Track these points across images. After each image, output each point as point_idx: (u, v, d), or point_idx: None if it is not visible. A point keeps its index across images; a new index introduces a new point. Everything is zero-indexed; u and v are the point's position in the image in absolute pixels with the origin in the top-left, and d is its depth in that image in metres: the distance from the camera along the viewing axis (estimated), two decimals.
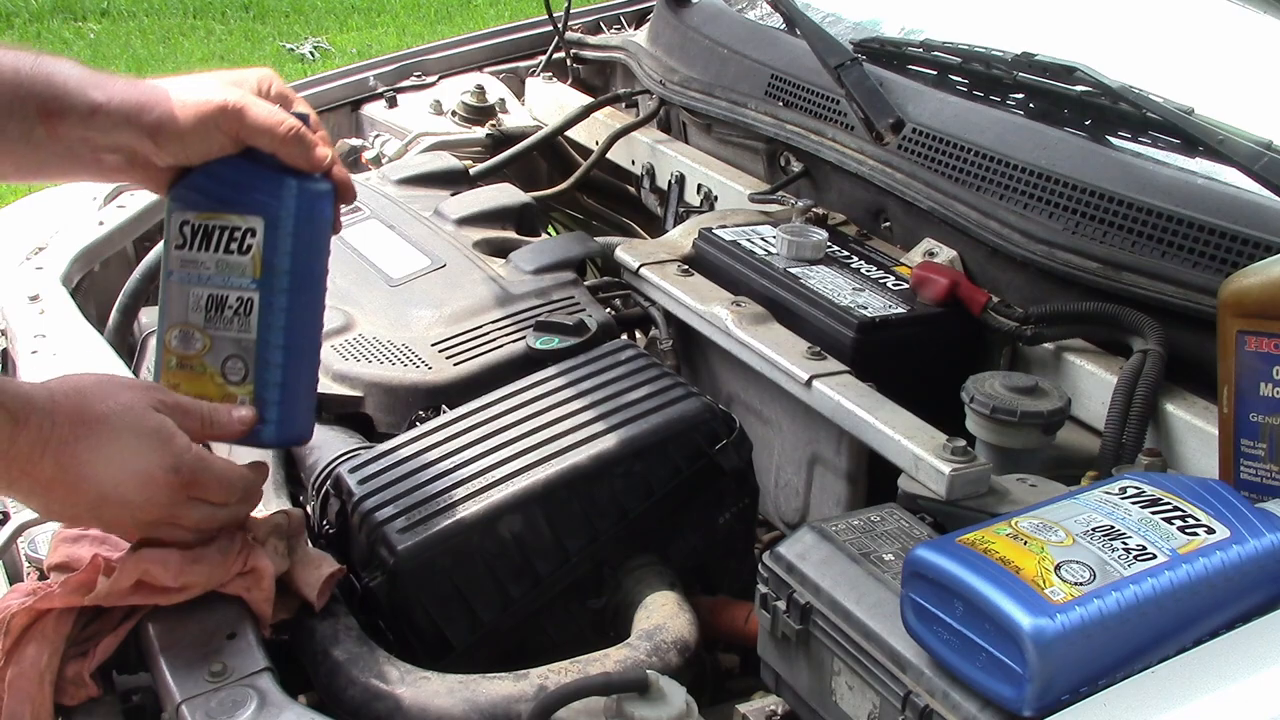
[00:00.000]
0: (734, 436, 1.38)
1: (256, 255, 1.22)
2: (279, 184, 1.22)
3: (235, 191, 1.22)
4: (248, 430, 1.24)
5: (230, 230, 1.23)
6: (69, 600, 1.16)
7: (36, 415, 1.10)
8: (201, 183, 1.23)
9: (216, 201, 1.23)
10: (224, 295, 1.23)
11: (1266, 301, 1.25)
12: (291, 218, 1.22)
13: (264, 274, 1.22)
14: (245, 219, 1.22)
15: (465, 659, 1.26)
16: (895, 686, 1.05)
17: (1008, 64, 1.76)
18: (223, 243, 1.23)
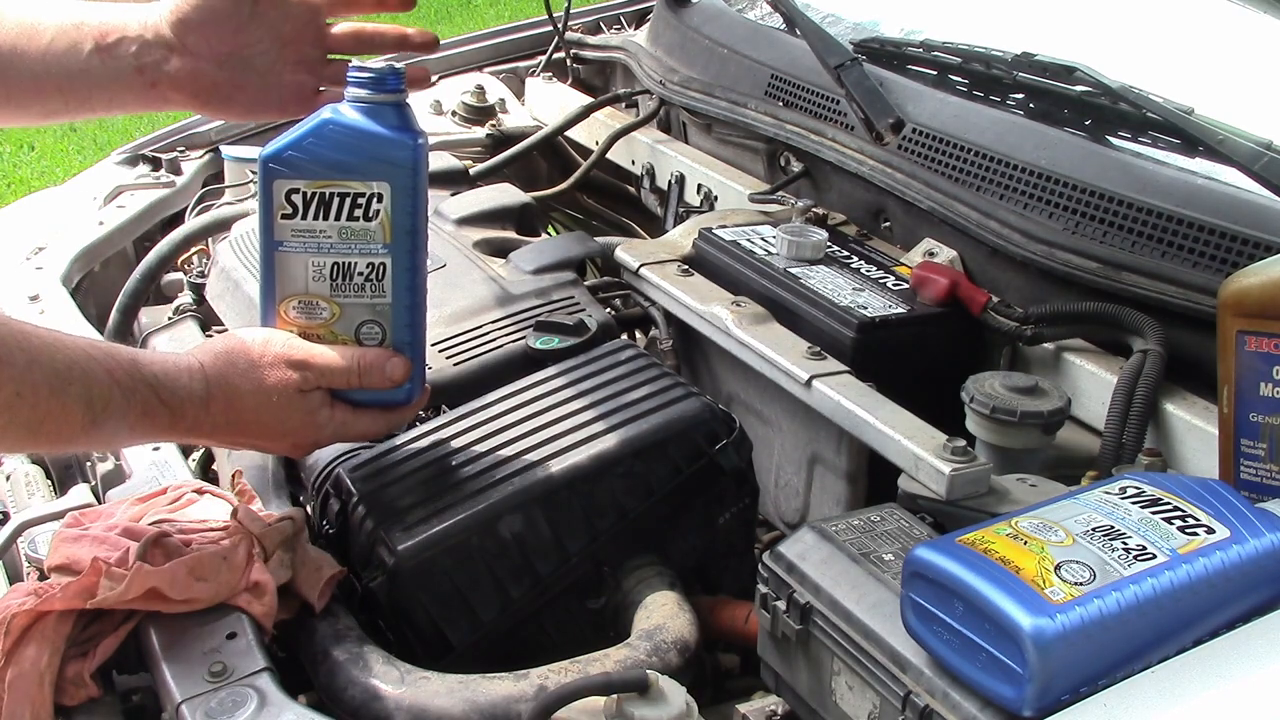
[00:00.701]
0: (734, 436, 1.38)
1: (385, 221, 1.20)
2: (402, 147, 1.20)
3: (354, 157, 1.20)
4: (403, 379, 1.26)
5: (352, 196, 1.20)
6: (70, 604, 1.16)
7: (193, 408, 1.18)
8: (312, 147, 1.20)
9: (331, 168, 1.20)
10: (351, 263, 1.22)
11: (1266, 301, 1.25)
12: (414, 178, 1.21)
13: (394, 238, 1.21)
14: (368, 185, 1.20)
15: (465, 659, 1.26)
16: (895, 686, 1.05)
17: (1008, 64, 1.76)
18: (344, 210, 1.21)
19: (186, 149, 2.37)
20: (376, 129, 1.19)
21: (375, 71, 1.20)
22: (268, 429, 1.23)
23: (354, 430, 1.28)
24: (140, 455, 1.48)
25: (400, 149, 1.20)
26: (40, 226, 2.11)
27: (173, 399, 1.16)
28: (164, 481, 1.40)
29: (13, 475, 1.57)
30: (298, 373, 1.22)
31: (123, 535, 1.26)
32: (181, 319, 1.88)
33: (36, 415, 1.07)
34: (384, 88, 1.20)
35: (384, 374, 1.25)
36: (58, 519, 1.34)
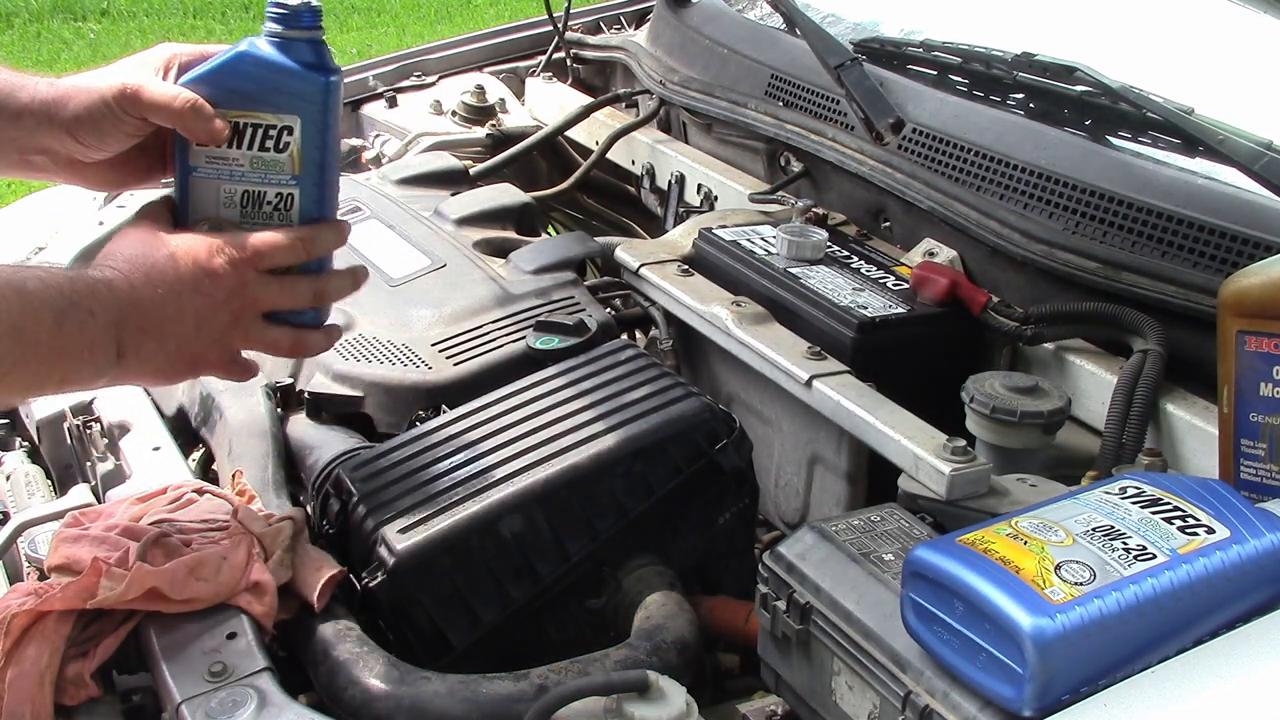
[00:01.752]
0: (734, 436, 1.38)
1: (295, 153, 1.23)
2: (312, 82, 1.22)
3: (267, 89, 1.22)
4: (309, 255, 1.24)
5: (265, 128, 1.23)
6: (70, 604, 1.16)
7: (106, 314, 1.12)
8: (227, 79, 1.22)
9: (246, 99, 1.22)
10: (261, 191, 1.24)
11: (1266, 301, 1.25)
12: (324, 113, 1.23)
13: (303, 170, 1.23)
14: (280, 117, 1.22)
15: (465, 659, 1.26)
16: (895, 686, 1.05)
17: (1008, 64, 1.76)
18: (257, 139, 1.23)
19: None
20: (288, 63, 1.21)
21: (290, 7, 1.21)
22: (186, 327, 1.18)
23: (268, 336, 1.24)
24: (140, 455, 1.48)
25: (310, 84, 1.22)
26: (40, 226, 2.11)
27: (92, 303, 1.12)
28: (164, 481, 1.40)
29: (13, 475, 1.57)
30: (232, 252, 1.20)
31: (123, 535, 1.26)
32: None
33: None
34: (299, 24, 1.21)
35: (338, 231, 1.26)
36: (58, 519, 1.34)
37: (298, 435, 1.52)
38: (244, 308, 1.20)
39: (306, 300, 1.25)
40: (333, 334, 1.30)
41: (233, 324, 1.21)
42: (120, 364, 1.15)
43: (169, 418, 1.60)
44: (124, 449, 1.49)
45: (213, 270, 1.17)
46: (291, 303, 1.24)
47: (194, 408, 1.62)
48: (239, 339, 1.22)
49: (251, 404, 1.55)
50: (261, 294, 1.21)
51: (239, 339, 1.22)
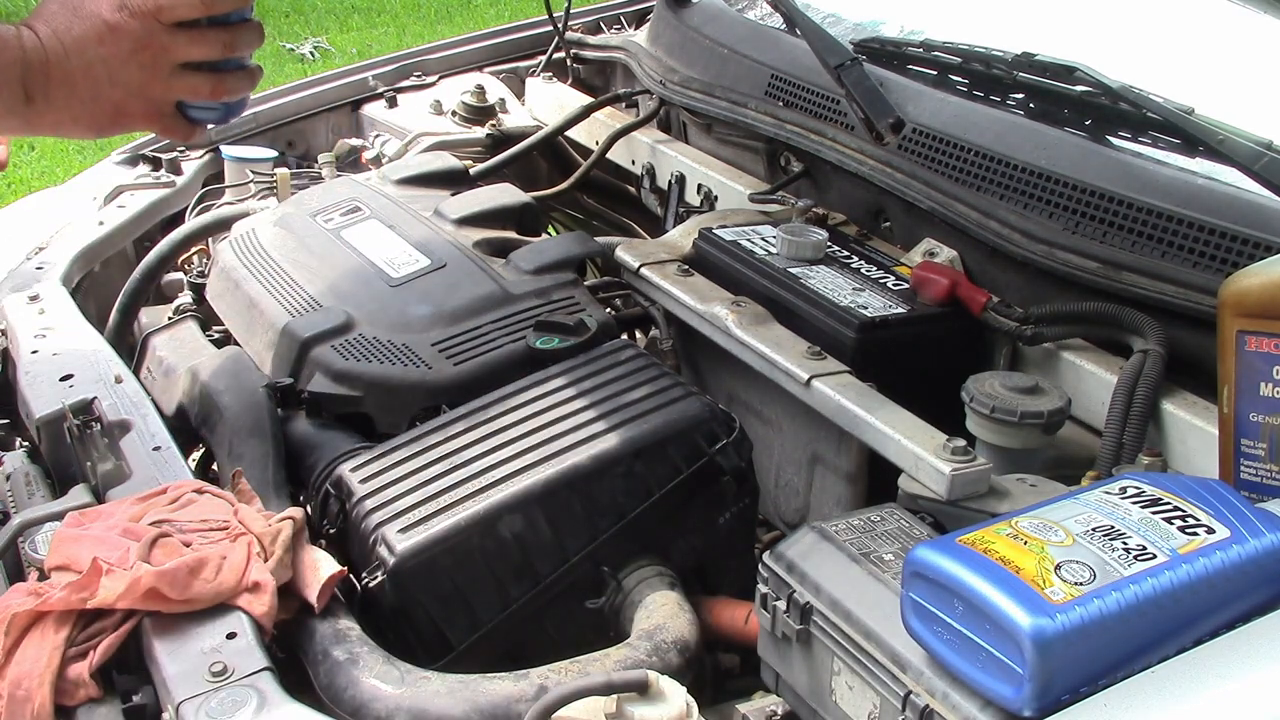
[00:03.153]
0: (734, 436, 1.38)
1: None
2: None
3: None
4: (210, 9, 1.27)
5: None
6: (70, 604, 1.16)
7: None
8: None
9: None
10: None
11: (1267, 301, 1.25)
12: None
13: None
14: None
15: (465, 659, 1.26)
16: (895, 686, 1.05)
17: (1008, 64, 1.76)
18: None
19: (186, 149, 2.38)
20: None
21: None
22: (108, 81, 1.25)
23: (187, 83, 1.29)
24: (140, 455, 1.48)
25: None
26: (40, 226, 2.11)
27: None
28: (164, 481, 1.40)
29: (13, 475, 1.57)
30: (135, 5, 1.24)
31: (123, 535, 1.26)
32: (181, 319, 1.88)
33: None
34: None
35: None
36: (58, 519, 1.34)
37: (298, 435, 1.52)
38: (155, 59, 1.27)
39: (217, 50, 1.30)
40: (255, 74, 1.36)
41: (148, 75, 1.27)
42: (30, 107, 1.24)
43: (169, 418, 1.60)
44: (124, 449, 1.49)
45: (115, 24, 1.24)
46: (202, 53, 1.29)
47: (194, 408, 1.62)
48: (159, 89, 1.29)
49: (251, 404, 1.55)
50: (171, 44, 1.27)
51: (159, 89, 1.29)
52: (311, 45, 7.69)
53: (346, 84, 2.63)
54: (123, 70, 1.26)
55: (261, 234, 1.89)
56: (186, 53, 1.28)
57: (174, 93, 1.30)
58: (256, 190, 2.22)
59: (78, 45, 1.24)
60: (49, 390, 1.60)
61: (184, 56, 1.28)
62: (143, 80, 1.27)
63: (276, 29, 8.06)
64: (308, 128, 2.57)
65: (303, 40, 7.79)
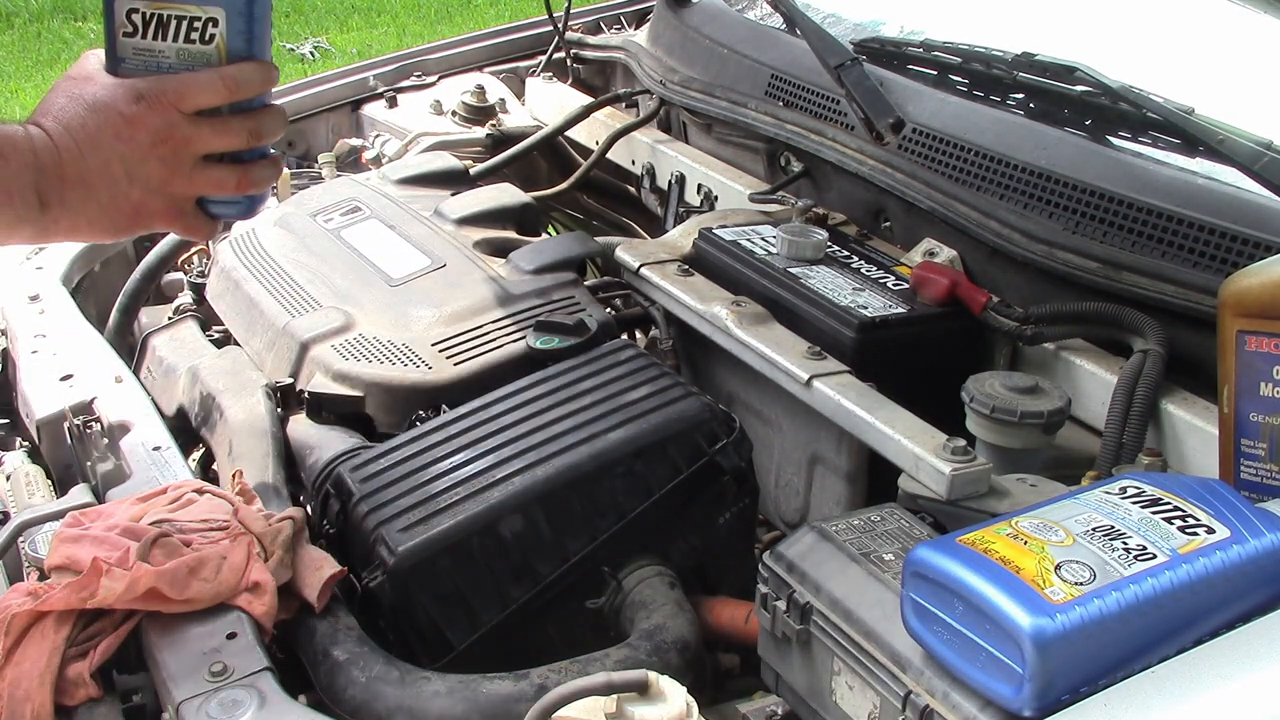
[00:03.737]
0: (734, 436, 1.38)
1: (221, 45, 1.21)
2: None
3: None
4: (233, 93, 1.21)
5: (189, 20, 1.21)
6: (70, 604, 1.16)
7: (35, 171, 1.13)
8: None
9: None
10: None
11: (1267, 301, 1.25)
12: (249, 4, 1.21)
13: (229, 61, 1.21)
14: (204, 9, 1.21)
15: (465, 659, 1.26)
16: (895, 686, 1.05)
17: (1008, 64, 1.76)
18: (183, 32, 1.21)
19: None
20: None
21: None
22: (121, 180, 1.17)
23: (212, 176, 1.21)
24: (140, 455, 1.48)
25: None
26: None
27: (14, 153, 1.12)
28: (164, 481, 1.40)
29: (13, 475, 1.57)
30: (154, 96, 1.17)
31: (123, 535, 1.26)
32: (181, 319, 1.88)
33: None
34: None
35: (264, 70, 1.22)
36: (58, 519, 1.34)
37: (298, 435, 1.52)
38: (176, 152, 1.18)
39: (241, 139, 1.22)
40: (278, 163, 1.29)
41: (169, 170, 1.18)
42: (45, 214, 1.14)
43: (169, 418, 1.60)
44: (124, 449, 1.49)
45: (132, 117, 1.16)
46: (226, 143, 1.21)
47: (194, 408, 1.62)
48: (181, 185, 1.20)
49: (251, 404, 1.55)
50: (193, 135, 1.18)
51: (181, 185, 1.20)
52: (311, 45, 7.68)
53: (346, 84, 2.63)
54: (142, 166, 1.17)
55: (261, 234, 1.89)
56: (210, 144, 1.19)
57: (196, 188, 1.21)
58: None
59: (93, 142, 1.15)
60: (49, 390, 1.60)
61: (207, 148, 1.20)
62: (164, 176, 1.18)
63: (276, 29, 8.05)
64: (308, 128, 2.57)
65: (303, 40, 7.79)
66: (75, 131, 1.15)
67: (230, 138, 1.21)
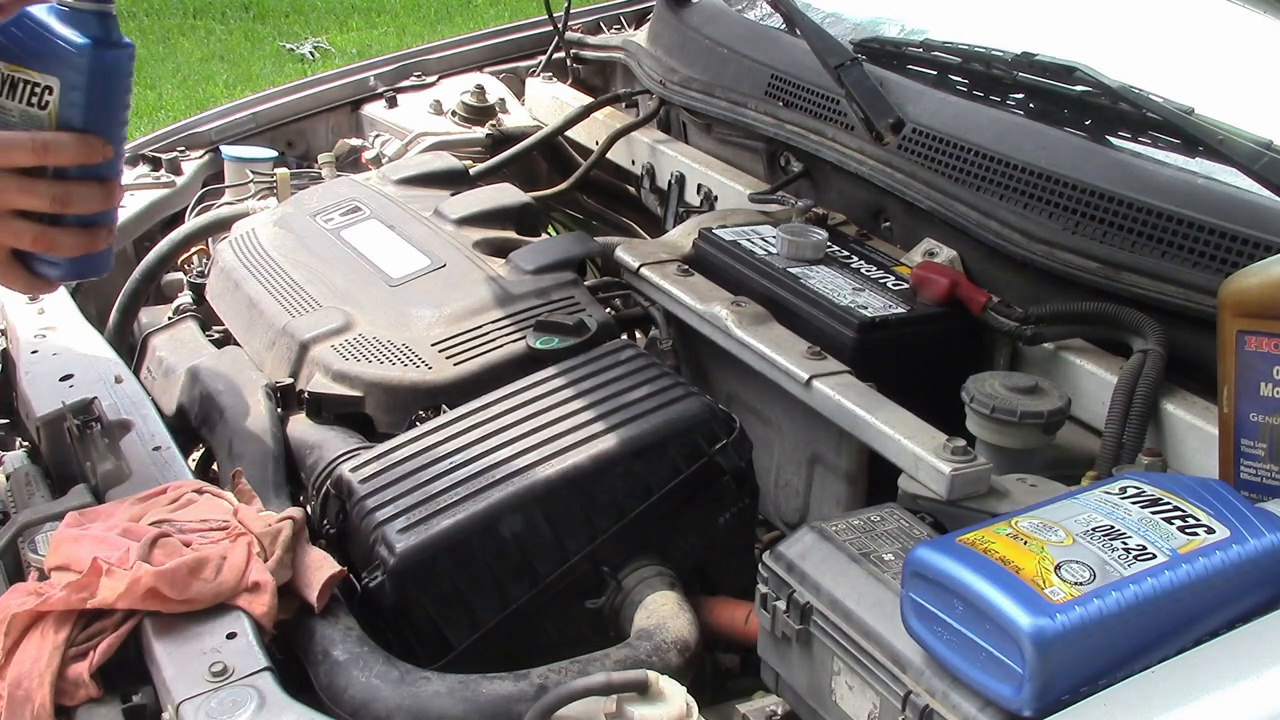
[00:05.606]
0: (734, 436, 1.38)
1: (53, 112, 1.26)
2: (70, 50, 1.25)
3: (36, 46, 1.26)
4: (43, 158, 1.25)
5: (31, 85, 1.27)
6: (70, 604, 1.16)
7: None
8: (9, 32, 1.27)
9: (21, 53, 1.27)
10: None
11: (1266, 301, 1.25)
12: (85, 80, 1.26)
13: (59, 128, 1.26)
14: (43, 77, 1.26)
15: (465, 659, 1.26)
16: (895, 686, 1.05)
17: (1008, 64, 1.76)
18: (25, 94, 1.27)
19: (186, 149, 2.38)
20: (53, 28, 1.25)
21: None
22: None
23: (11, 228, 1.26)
24: (140, 455, 1.48)
25: (67, 51, 1.25)
26: None
27: None
28: (164, 481, 1.40)
29: (13, 475, 1.57)
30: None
31: (123, 535, 1.26)
32: (181, 319, 1.88)
33: None
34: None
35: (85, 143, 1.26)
36: (58, 519, 1.34)
37: (298, 435, 1.52)
38: None
39: (45, 202, 1.26)
40: (96, 234, 1.30)
41: None
42: None
43: (169, 417, 1.60)
44: (124, 449, 1.49)
45: None
46: (30, 202, 1.25)
47: (194, 408, 1.62)
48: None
49: (251, 404, 1.55)
50: (1, 189, 1.24)
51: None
52: (311, 45, 7.68)
53: (346, 84, 2.63)
54: None
55: (261, 234, 1.89)
56: (14, 200, 1.25)
57: (6, 240, 1.26)
58: (256, 190, 2.22)
59: None
60: (49, 390, 1.60)
61: (12, 204, 1.25)
62: None
63: (276, 29, 8.06)
64: (308, 128, 2.57)
65: (303, 40, 7.79)
66: None
67: (34, 198, 1.25)
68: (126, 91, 1.32)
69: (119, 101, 1.31)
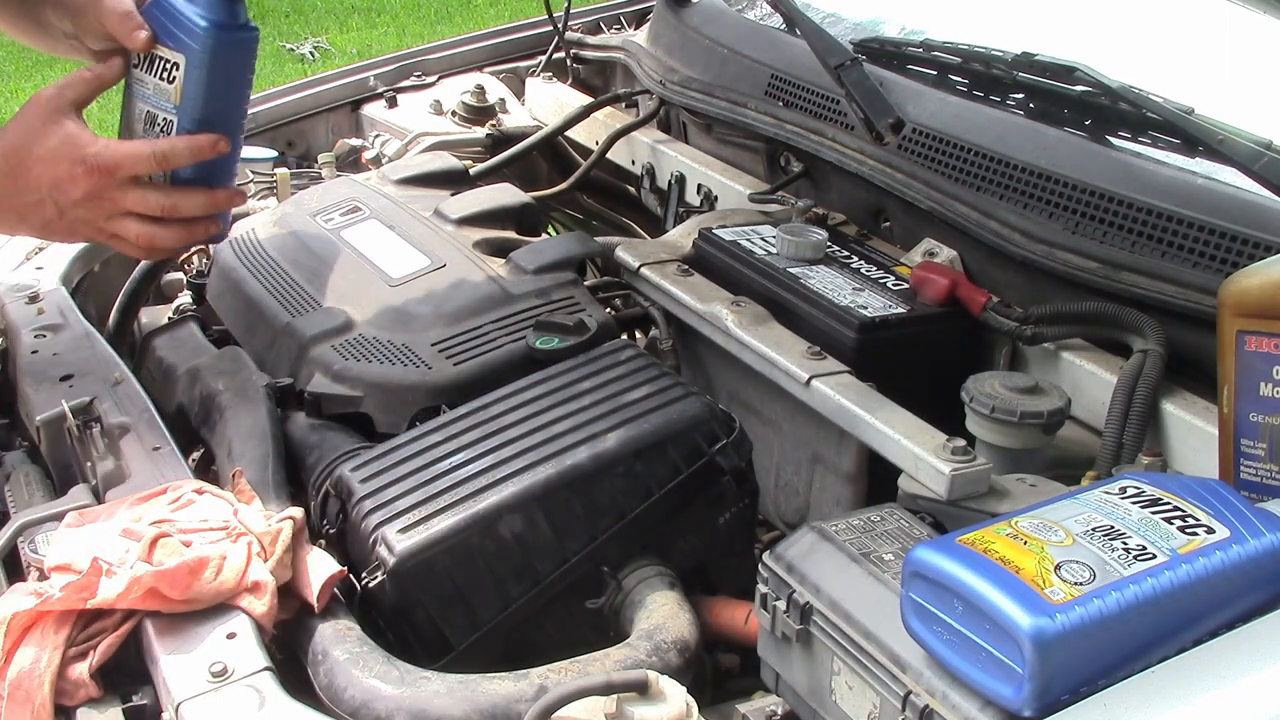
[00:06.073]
0: (734, 436, 1.38)
1: (178, 86, 1.43)
2: (195, 27, 1.41)
3: (171, 25, 1.43)
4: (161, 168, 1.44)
5: (164, 60, 1.45)
6: (70, 604, 1.16)
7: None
8: (152, 14, 1.45)
9: (160, 32, 1.45)
10: (156, 114, 1.47)
11: (1266, 301, 1.25)
12: (206, 58, 1.42)
13: (182, 102, 1.44)
14: (173, 54, 1.44)
15: (465, 659, 1.26)
16: (895, 686, 1.05)
17: (1008, 64, 1.76)
18: (160, 69, 1.45)
19: None
20: (185, 10, 1.43)
21: None
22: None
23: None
24: (140, 455, 1.48)
25: (194, 30, 1.42)
26: None
27: None
28: (164, 481, 1.40)
29: (13, 475, 1.57)
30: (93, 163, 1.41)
31: (123, 535, 1.26)
32: (181, 319, 1.88)
33: None
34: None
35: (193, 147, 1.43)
36: (58, 519, 1.34)
37: (298, 435, 1.52)
38: (102, 206, 1.44)
39: (156, 210, 1.45)
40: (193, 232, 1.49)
41: (94, 216, 1.44)
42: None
43: (169, 417, 1.60)
44: (124, 449, 1.49)
45: (71, 176, 1.41)
46: (143, 209, 1.45)
47: (194, 408, 1.62)
48: (101, 228, 1.46)
49: (251, 404, 1.55)
50: (118, 197, 1.43)
51: (101, 228, 1.46)
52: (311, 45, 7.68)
53: (346, 84, 2.62)
54: (71, 209, 1.43)
55: (261, 234, 1.89)
56: (130, 206, 1.44)
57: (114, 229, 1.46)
58: (256, 190, 2.22)
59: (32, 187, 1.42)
60: (49, 390, 1.60)
61: (128, 209, 1.44)
62: (89, 219, 1.45)
63: (276, 29, 8.06)
64: (308, 128, 2.57)
65: (303, 40, 7.79)
66: (19, 174, 1.42)
67: (145, 206, 1.45)
68: (248, 72, 1.48)
69: (238, 80, 1.47)
